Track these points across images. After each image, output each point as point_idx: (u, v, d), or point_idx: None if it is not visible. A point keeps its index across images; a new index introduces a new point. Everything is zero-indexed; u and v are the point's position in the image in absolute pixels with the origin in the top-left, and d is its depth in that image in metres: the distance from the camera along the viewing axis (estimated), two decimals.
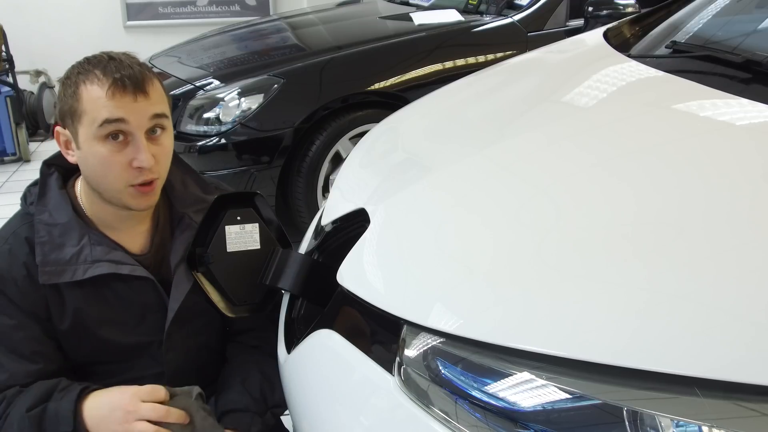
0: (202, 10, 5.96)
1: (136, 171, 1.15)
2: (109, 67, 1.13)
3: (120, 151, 1.14)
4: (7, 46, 4.91)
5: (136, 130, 1.13)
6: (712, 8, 1.74)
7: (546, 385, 0.82)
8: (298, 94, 3.11)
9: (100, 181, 1.17)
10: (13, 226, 1.24)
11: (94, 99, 1.12)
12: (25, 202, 1.26)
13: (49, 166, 1.27)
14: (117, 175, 1.15)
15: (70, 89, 1.14)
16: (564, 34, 3.40)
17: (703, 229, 0.91)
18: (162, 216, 1.31)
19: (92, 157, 1.15)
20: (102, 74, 1.12)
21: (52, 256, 1.18)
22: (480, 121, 1.52)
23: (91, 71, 1.13)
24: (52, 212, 1.21)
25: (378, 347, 1.04)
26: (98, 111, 1.11)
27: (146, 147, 1.14)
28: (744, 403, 0.73)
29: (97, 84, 1.12)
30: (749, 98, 1.23)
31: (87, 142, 1.14)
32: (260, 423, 1.28)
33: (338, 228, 1.36)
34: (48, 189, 1.24)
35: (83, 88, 1.13)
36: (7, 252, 1.20)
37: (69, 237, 1.20)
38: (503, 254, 0.99)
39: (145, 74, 1.15)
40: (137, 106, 1.13)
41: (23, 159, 4.89)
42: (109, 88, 1.11)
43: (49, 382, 1.18)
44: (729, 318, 0.79)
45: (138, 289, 1.24)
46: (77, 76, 1.15)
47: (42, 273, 1.17)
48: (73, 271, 1.18)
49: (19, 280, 1.18)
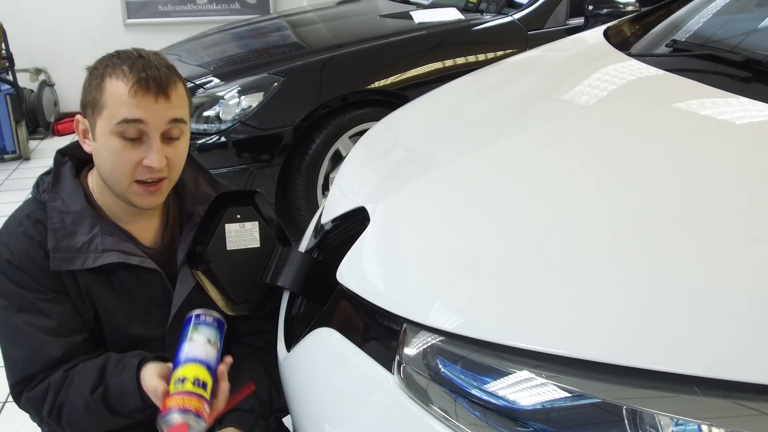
0: (202, 8, 5.95)
1: (145, 169, 1.16)
2: (137, 65, 1.14)
3: (134, 148, 1.15)
4: (7, 44, 4.91)
5: (153, 131, 1.15)
6: (713, 7, 1.74)
7: (546, 383, 0.82)
8: (298, 93, 3.11)
9: (110, 174, 1.19)
10: (25, 209, 1.25)
11: (117, 95, 1.13)
12: (37, 189, 1.27)
13: (63, 155, 1.28)
14: (126, 170, 1.16)
15: (96, 80, 1.16)
16: (564, 32, 3.39)
17: (702, 228, 0.91)
18: (173, 213, 1.33)
19: (106, 150, 1.16)
20: (128, 71, 1.13)
21: (63, 243, 1.19)
22: (480, 119, 1.52)
23: (118, 66, 1.14)
24: (65, 200, 1.22)
25: (378, 345, 1.04)
26: (118, 108, 1.13)
27: (159, 148, 1.15)
28: (743, 402, 0.73)
29: (122, 80, 1.13)
30: (749, 97, 1.23)
31: (103, 134, 1.15)
32: (263, 425, 1.28)
33: (338, 226, 1.36)
34: (61, 177, 1.25)
35: (108, 81, 1.14)
36: (22, 233, 1.21)
37: (81, 225, 1.21)
38: (503, 253, 0.99)
39: (171, 77, 1.16)
40: (157, 108, 1.14)
41: (23, 157, 4.89)
42: (133, 86, 1.12)
43: (96, 361, 1.20)
44: (728, 317, 0.79)
45: (146, 281, 1.25)
46: (105, 68, 1.16)
47: (53, 259, 1.19)
48: (83, 259, 1.20)
49: (38, 259, 1.20)
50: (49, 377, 1.19)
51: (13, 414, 1.26)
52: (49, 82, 5.59)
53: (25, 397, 1.21)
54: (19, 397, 1.22)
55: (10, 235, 1.21)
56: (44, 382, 1.19)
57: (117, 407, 1.17)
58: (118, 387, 1.15)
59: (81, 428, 1.20)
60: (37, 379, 1.20)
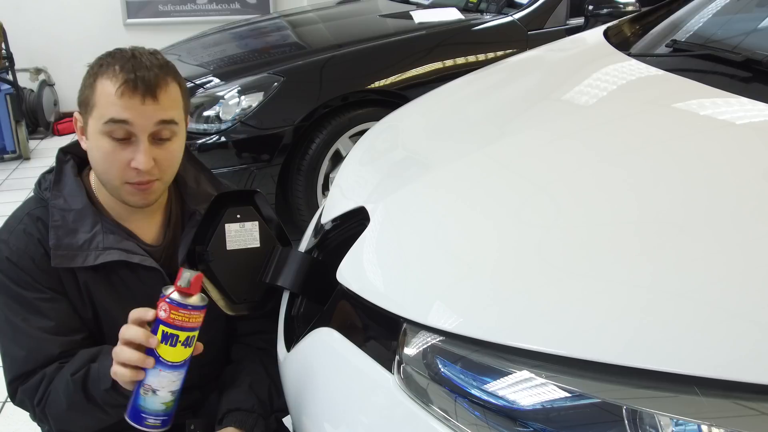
0: (202, 8, 5.95)
1: (133, 171, 1.16)
2: (127, 66, 1.13)
3: (122, 148, 1.15)
4: (7, 44, 4.91)
5: (140, 132, 1.14)
6: (713, 7, 1.74)
7: (545, 383, 0.82)
8: (298, 92, 3.11)
9: (102, 174, 1.19)
10: (26, 207, 1.25)
11: (106, 94, 1.13)
12: (39, 187, 1.27)
13: (66, 153, 1.28)
14: (116, 171, 1.16)
15: (90, 79, 1.16)
16: (564, 32, 3.39)
17: (702, 228, 0.91)
18: (174, 211, 1.33)
19: (96, 149, 1.17)
20: (119, 71, 1.13)
21: (65, 240, 1.19)
22: (480, 118, 1.52)
23: (111, 65, 1.14)
24: (67, 198, 1.23)
25: (377, 345, 1.04)
26: (106, 108, 1.13)
27: (147, 150, 1.14)
28: (743, 402, 0.73)
29: (111, 79, 1.13)
30: (749, 97, 1.23)
31: (94, 134, 1.16)
32: (263, 425, 1.28)
33: (338, 226, 1.36)
34: (63, 175, 1.25)
35: (99, 80, 1.14)
36: (22, 231, 1.21)
37: (83, 223, 1.21)
38: (503, 252, 0.99)
39: (162, 78, 1.15)
40: (144, 109, 1.13)
41: (23, 157, 4.89)
42: (120, 86, 1.12)
43: (93, 349, 1.20)
44: (728, 317, 0.79)
45: (146, 280, 1.25)
46: (99, 67, 1.16)
47: (54, 256, 1.19)
48: (84, 256, 1.20)
49: (37, 258, 1.20)
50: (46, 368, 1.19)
51: (13, 414, 1.26)
52: (49, 82, 5.59)
53: (21, 390, 1.21)
54: (14, 393, 1.22)
55: (10, 232, 1.22)
56: (40, 373, 1.20)
57: (92, 391, 1.15)
58: (97, 370, 1.15)
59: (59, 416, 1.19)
60: (34, 373, 1.20)
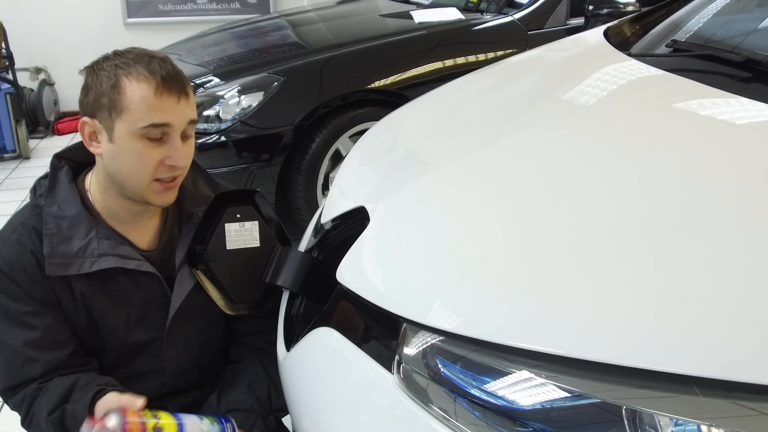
0: (202, 7, 5.95)
1: (166, 167, 1.17)
2: (153, 65, 1.14)
3: (155, 147, 1.15)
4: (7, 43, 4.91)
5: (174, 132, 1.16)
6: (713, 7, 1.74)
7: (545, 383, 0.82)
8: (298, 92, 3.11)
9: (130, 175, 1.17)
10: (21, 216, 1.24)
11: (141, 97, 1.12)
12: (34, 194, 1.26)
13: (60, 159, 1.27)
14: (148, 169, 1.16)
15: (108, 81, 1.13)
16: (564, 32, 3.39)
17: (703, 228, 0.91)
18: (171, 214, 1.32)
19: (128, 151, 1.15)
20: (148, 72, 1.13)
21: (59, 248, 1.19)
22: (480, 118, 1.52)
23: (133, 66, 1.13)
24: (61, 205, 1.22)
25: (377, 345, 1.04)
26: (143, 112, 1.12)
27: (181, 147, 1.17)
28: (743, 402, 0.73)
29: (144, 81, 1.12)
30: (749, 97, 1.23)
31: (124, 137, 1.14)
32: (263, 425, 1.28)
33: (338, 226, 1.36)
34: (58, 182, 1.24)
35: (126, 82, 1.13)
36: (15, 241, 1.21)
37: (77, 230, 1.20)
38: (503, 252, 0.99)
39: (184, 76, 1.18)
40: (179, 108, 1.15)
41: (23, 156, 4.89)
42: (158, 87, 1.12)
43: (67, 381, 1.20)
44: (728, 317, 0.79)
45: (143, 284, 1.25)
46: (116, 69, 1.14)
47: (49, 265, 1.18)
48: (80, 264, 1.19)
49: (28, 269, 1.19)
50: (26, 388, 1.21)
51: (12, 413, 1.26)
52: (49, 82, 5.58)
53: (11, 402, 1.25)
54: (6, 402, 1.26)
55: (3, 242, 1.21)
56: (22, 392, 1.22)
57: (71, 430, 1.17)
58: (73, 411, 1.17)
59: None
60: (19, 388, 1.22)
